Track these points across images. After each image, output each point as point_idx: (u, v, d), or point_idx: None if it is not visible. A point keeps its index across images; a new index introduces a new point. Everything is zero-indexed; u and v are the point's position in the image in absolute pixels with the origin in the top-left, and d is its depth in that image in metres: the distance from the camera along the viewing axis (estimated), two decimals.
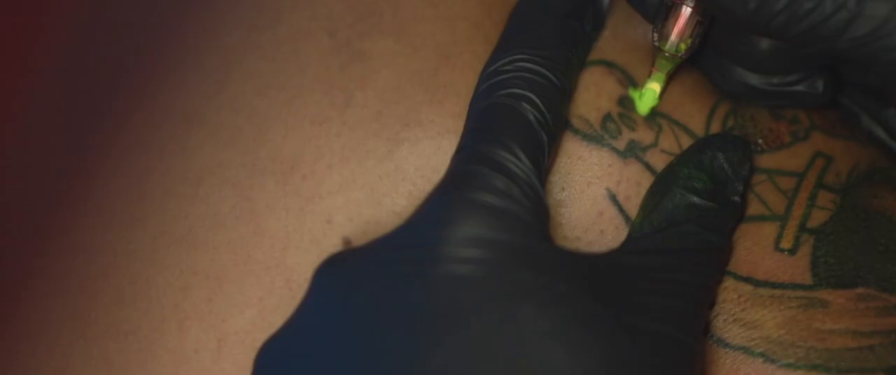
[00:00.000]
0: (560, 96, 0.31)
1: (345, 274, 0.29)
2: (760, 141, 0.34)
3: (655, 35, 0.32)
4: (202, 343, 0.33)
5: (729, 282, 0.32)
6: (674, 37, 0.32)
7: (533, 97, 0.31)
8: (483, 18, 0.34)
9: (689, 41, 0.32)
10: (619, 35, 0.34)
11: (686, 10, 0.31)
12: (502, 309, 0.27)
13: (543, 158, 0.30)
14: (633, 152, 0.33)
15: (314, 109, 0.34)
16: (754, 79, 0.33)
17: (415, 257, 0.28)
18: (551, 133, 0.31)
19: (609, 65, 0.34)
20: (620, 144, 0.33)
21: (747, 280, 0.32)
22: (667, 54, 0.32)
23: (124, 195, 0.35)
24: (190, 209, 0.34)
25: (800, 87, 0.33)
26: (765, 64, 0.32)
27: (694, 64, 0.34)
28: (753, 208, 0.33)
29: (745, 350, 0.31)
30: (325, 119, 0.34)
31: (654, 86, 0.33)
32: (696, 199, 0.31)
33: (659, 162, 0.33)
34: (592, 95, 0.33)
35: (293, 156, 0.34)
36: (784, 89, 0.33)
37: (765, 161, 0.34)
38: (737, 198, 0.32)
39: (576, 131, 0.33)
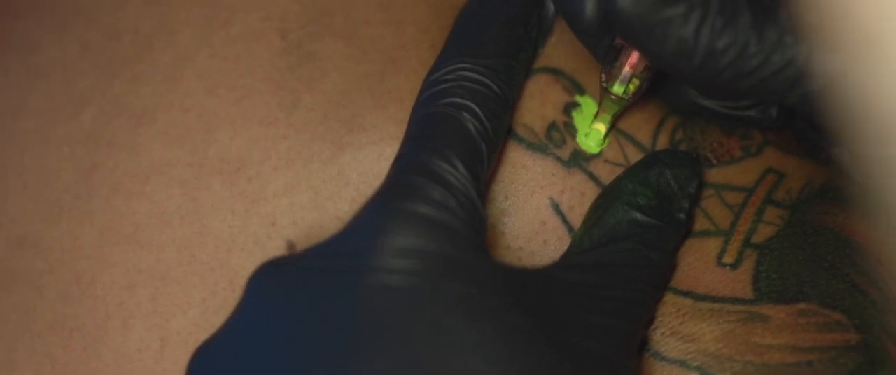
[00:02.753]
0: (502, 105, 0.31)
1: (277, 282, 0.29)
2: (710, 155, 0.34)
3: (604, 76, 0.32)
4: (145, 342, 0.34)
5: (668, 297, 0.32)
6: (622, 78, 0.31)
7: (473, 106, 0.30)
8: (430, 23, 0.34)
9: (637, 83, 0.32)
10: (566, 41, 0.34)
11: (635, 54, 0.31)
12: (430, 321, 0.27)
13: (482, 168, 0.30)
14: (577, 162, 0.33)
15: (262, 110, 0.34)
16: (707, 102, 0.32)
17: (347, 266, 0.28)
18: (491, 143, 0.31)
19: (555, 72, 0.33)
20: (564, 154, 0.33)
21: (687, 294, 0.32)
22: (614, 96, 0.32)
23: (73, 190, 0.35)
24: (137, 207, 0.34)
25: (753, 113, 0.33)
26: (718, 91, 0.32)
27: None
28: (699, 223, 0.33)
29: (682, 363, 0.31)
30: (273, 120, 0.34)
31: (599, 127, 0.33)
32: (638, 216, 0.31)
33: (603, 172, 0.33)
34: (537, 104, 0.33)
35: (240, 157, 0.34)
36: (737, 113, 0.33)
37: (713, 176, 0.33)
38: (682, 216, 0.32)
39: (520, 140, 0.33)
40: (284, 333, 0.28)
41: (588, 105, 0.33)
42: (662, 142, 0.34)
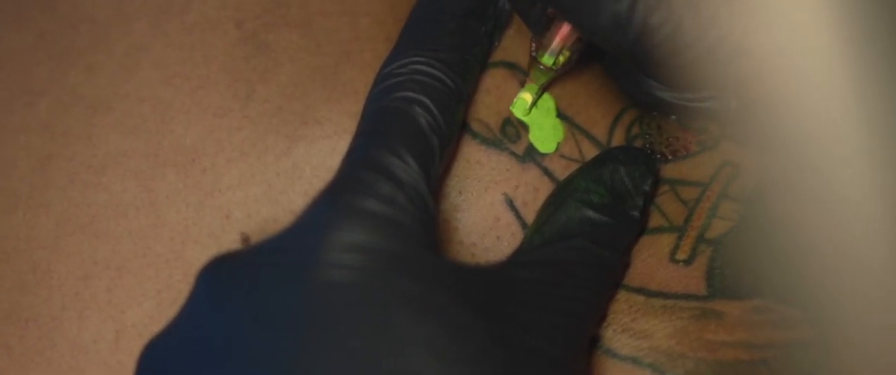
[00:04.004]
0: (455, 100, 0.31)
1: (225, 277, 0.29)
2: (665, 150, 0.33)
3: (534, 45, 0.31)
4: (101, 333, 0.34)
5: (621, 294, 0.32)
6: (552, 49, 0.31)
7: (426, 101, 0.30)
8: (386, 15, 0.34)
9: (567, 54, 0.31)
10: (523, 34, 0.33)
11: (567, 25, 0.30)
12: (377, 317, 0.27)
13: (434, 163, 0.30)
14: (531, 157, 0.32)
15: (217, 101, 0.34)
16: (665, 94, 0.32)
17: (294, 261, 0.28)
18: (444, 138, 0.30)
19: (511, 66, 0.33)
20: (519, 149, 0.33)
21: (640, 290, 0.32)
22: (542, 67, 0.31)
23: (29, 180, 0.35)
24: (93, 197, 0.34)
25: (711, 104, 0.32)
26: (676, 81, 0.31)
27: (605, 70, 0.33)
28: (653, 220, 0.32)
29: (634, 360, 0.31)
30: (228, 111, 0.34)
31: (525, 96, 0.32)
32: (591, 213, 0.31)
33: (558, 167, 0.33)
34: (493, 99, 0.33)
35: (195, 148, 0.34)
36: (695, 105, 0.32)
37: (668, 171, 0.33)
38: (636, 213, 0.31)
39: (474, 135, 0.33)
40: (231, 329, 0.28)
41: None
42: (618, 138, 0.33)
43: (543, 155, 0.32)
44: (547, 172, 0.33)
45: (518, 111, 0.32)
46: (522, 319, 0.28)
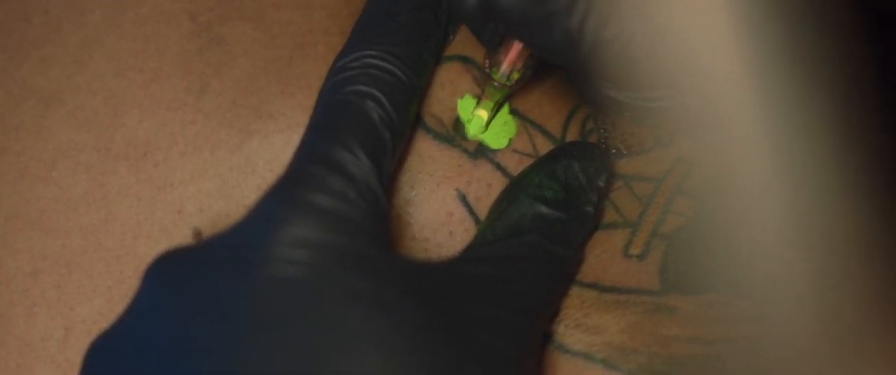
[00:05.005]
0: (408, 94, 0.31)
1: (173, 273, 0.29)
2: (620, 145, 0.33)
3: (487, 62, 0.31)
4: (49, 331, 0.33)
5: (573, 289, 0.31)
6: (505, 66, 0.31)
7: (378, 95, 0.30)
8: (340, 8, 0.33)
9: (521, 71, 0.31)
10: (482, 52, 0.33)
11: (519, 42, 0.30)
12: (326, 313, 0.27)
13: (386, 158, 0.30)
14: (483, 153, 0.32)
15: (170, 94, 0.33)
16: (619, 94, 0.32)
17: (242, 257, 0.28)
18: (397, 132, 0.30)
19: (466, 61, 0.33)
20: (471, 145, 0.32)
21: (592, 286, 0.32)
22: (497, 84, 0.31)
23: None
24: (43, 192, 0.34)
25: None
26: (630, 84, 0.31)
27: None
28: (607, 215, 0.32)
29: (586, 356, 0.31)
30: (181, 105, 0.33)
31: (481, 114, 0.32)
32: (543, 209, 0.30)
33: (511, 162, 0.32)
34: (447, 93, 0.33)
35: (147, 142, 0.33)
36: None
37: (623, 166, 0.33)
38: (590, 209, 0.31)
39: (428, 129, 0.32)
40: (178, 327, 0.28)
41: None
42: (573, 133, 0.33)
43: (496, 150, 0.32)
44: (500, 167, 0.32)
45: (475, 128, 0.32)
46: (473, 315, 0.28)
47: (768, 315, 0.31)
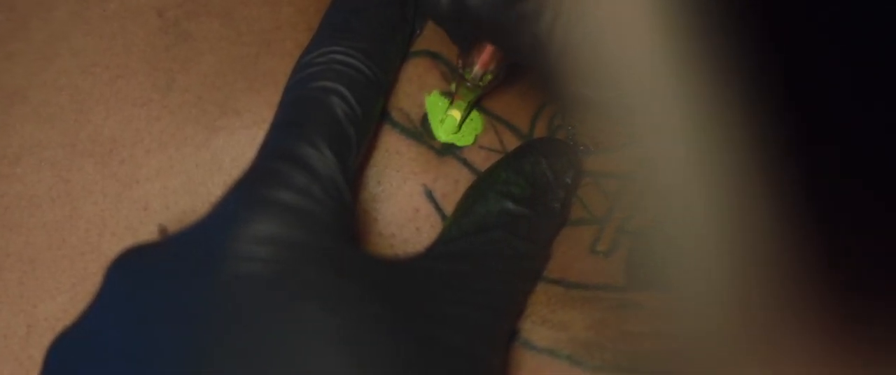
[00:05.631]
0: (374, 89, 0.31)
1: (135, 270, 0.28)
2: (588, 142, 0.33)
3: (460, 62, 0.31)
4: (11, 328, 0.33)
5: (540, 285, 0.31)
6: (478, 68, 0.31)
7: (343, 90, 0.30)
8: (307, 4, 0.33)
9: (494, 73, 0.31)
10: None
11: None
12: (287, 310, 0.27)
13: (350, 154, 0.30)
14: (451, 149, 0.32)
15: (136, 91, 0.33)
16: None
17: (205, 254, 0.28)
18: (362, 127, 0.30)
19: (434, 56, 0.33)
20: (438, 143, 0.32)
21: (559, 282, 0.32)
22: (469, 84, 0.31)
23: None
24: (7, 188, 0.33)
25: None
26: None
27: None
28: (575, 212, 0.32)
29: (552, 352, 0.31)
30: (147, 101, 0.33)
31: (454, 114, 0.32)
32: (510, 205, 0.30)
33: (478, 158, 0.32)
34: (415, 88, 0.33)
35: (113, 139, 0.33)
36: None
37: (591, 163, 0.33)
38: (557, 205, 0.31)
39: (395, 125, 0.32)
40: (139, 324, 0.28)
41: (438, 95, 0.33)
42: (541, 129, 0.33)
43: (462, 147, 0.32)
44: (467, 164, 0.32)
45: (449, 128, 0.32)
46: (438, 312, 0.28)
47: (687, 309, 0.31)
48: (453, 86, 0.32)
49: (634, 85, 0.28)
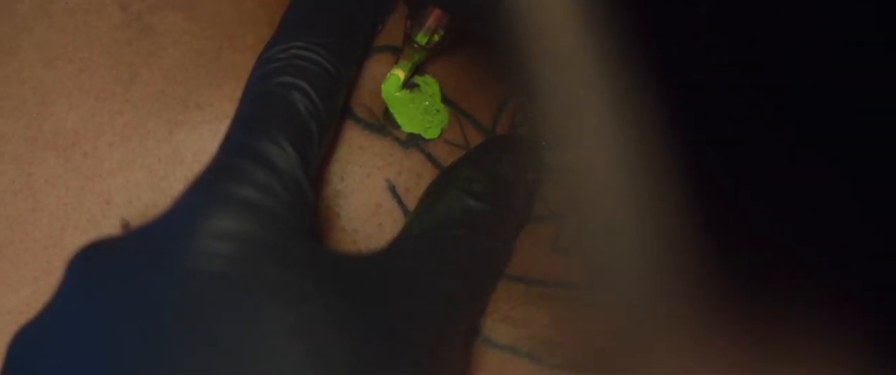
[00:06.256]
0: (336, 85, 0.30)
1: (96, 265, 0.28)
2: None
3: (409, 22, 0.31)
4: None
5: (502, 283, 0.31)
6: (426, 28, 0.31)
7: (304, 86, 0.30)
8: None
9: (442, 34, 0.31)
10: (405, 22, 0.33)
11: None
12: (247, 306, 0.27)
13: (312, 149, 0.30)
14: (415, 143, 0.32)
15: (99, 84, 0.33)
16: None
17: (164, 249, 0.28)
18: (323, 123, 0.30)
19: (396, 51, 0.33)
20: (402, 134, 0.32)
21: (520, 279, 0.32)
22: (416, 45, 0.31)
23: None
24: None
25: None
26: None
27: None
28: (537, 208, 0.32)
29: (512, 349, 0.31)
30: (110, 95, 0.33)
31: (398, 73, 0.32)
32: (471, 202, 0.30)
33: (442, 153, 0.32)
34: (377, 84, 0.33)
35: (76, 132, 0.33)
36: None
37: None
38: (518, 202, 0.31)
39: (357, 120, 0.32)
40: (99, 319, 0.28)
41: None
42: (504, 124, 0.33)
43: (427, 140, 0.32)
44: (431, 158, 0.32)
45: (391, 86, 0.32)
46: (398, 309, 0.28)
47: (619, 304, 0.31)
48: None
49: (562, 70, 0.28)
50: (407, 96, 0.32)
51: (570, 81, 0.26)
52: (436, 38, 0.31)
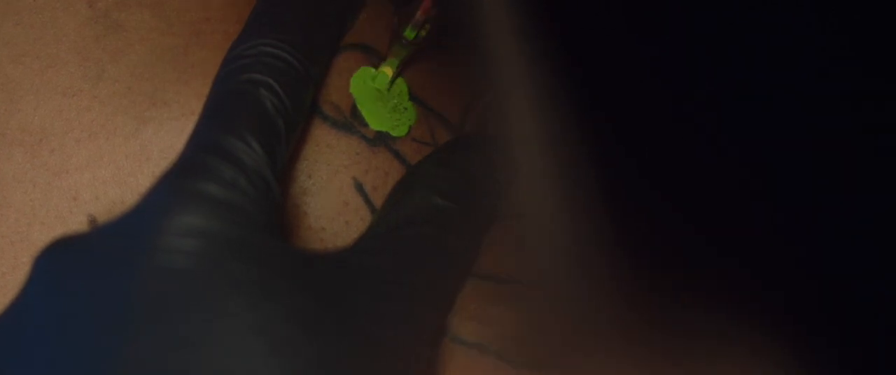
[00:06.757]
0: (303, 82, 0.30)
1: (62, 261, 0.28)
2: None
3: (397, 19, 0.31)
4: None
5: (470, 281, 0.31)
6: (415, 22, 0.31)
7: (272, 83, 0.30)
8: None
9: (429, 28, 0.31)
10: (380, 16, 0.33)
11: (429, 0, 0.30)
12: (211, 303, 0.27)
13: (279, 147, 0.29)
14: (383, 141, 0.32)
15: (66, 81, 0.33)
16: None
17: (131, 246, 0.27)
18: (291, 120, 0.30)
19: (365, 49, 0.33)
20: (370, 132, 0.32)
21: (489, 277, 0.32)
22: (404, 41, 0.31)
23: None
24: None
25: None
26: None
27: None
28: (504, 207, 0.32)
29: (480, 347, 0.31)
30: (77, 91, 0.33)
31: (386, 70, 0.32)
32: (438, 200, 0.30)
33: (410, 151, 0.32)
34: (346, 81, 0.33)
35: (43, 128, 0.33)
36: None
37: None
38: (486, 201, 0.31)
39: (325, 118, 0.32)
40: (64, 315, 0.27)
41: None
42: (472, 124, 0.33)
43: (395, 138, 0.32)
44: (398, 156, 0.32)
45: (380, 85, 0.32)
46: (364, 307, 0.28)
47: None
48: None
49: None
50: (376, 94, 0.32)
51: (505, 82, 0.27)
52: (423, 32, 0.31)
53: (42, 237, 0.32)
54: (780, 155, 0.27)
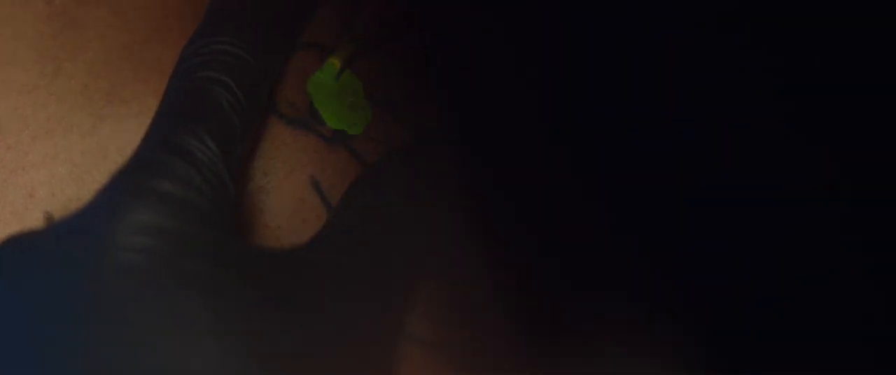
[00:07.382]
0: (259, 80, 0.31)
1: (15, 259, 0.28)
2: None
3: (347, 10, 0.31)
4: None
5: (425, 279, 0.32)
6: (363, 14, 0.31)
7: (228, 80, 0.30)
8: None
9: (377, 23, 0.31)
10: (334, 15, 0.33)
11: None
12: (165, 300, 0.27)
13: (234, 145, 0.30)
14: (340, 139, 0.32)
15: (24, 77, 0.33)
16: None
17: (86, 243, 0.27)
18: (246, 118, 0.30)
19: (322, 48, 0.33)
20: (327, 130, 0.33)
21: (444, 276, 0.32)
22: (352, 33, 0.31)
23: None
24: None
25: None
26: None
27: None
28: None
29: (436, 345, 0.31)
30: (34, 88, 0.33)
31: (334, 61, 0.32)
32: (395, 198, 0.31)
33: (367, 149, 0.33)
34: (302, 80, 0.33)
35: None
36: None
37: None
38: (443, 199, 0.32)
39: (281, 116, 0.32)
40: (19, 312, 0.27)
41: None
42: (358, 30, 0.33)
43: (352, 137, 0.32)
44: (355, 154, 0.33)
45: (326, 75, 0.32)
46: (319, 305, 0.28)
47: None
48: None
49: None
50: (334, 90, 0.33)
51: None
52: (370, 26, 0.31)
53: None
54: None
